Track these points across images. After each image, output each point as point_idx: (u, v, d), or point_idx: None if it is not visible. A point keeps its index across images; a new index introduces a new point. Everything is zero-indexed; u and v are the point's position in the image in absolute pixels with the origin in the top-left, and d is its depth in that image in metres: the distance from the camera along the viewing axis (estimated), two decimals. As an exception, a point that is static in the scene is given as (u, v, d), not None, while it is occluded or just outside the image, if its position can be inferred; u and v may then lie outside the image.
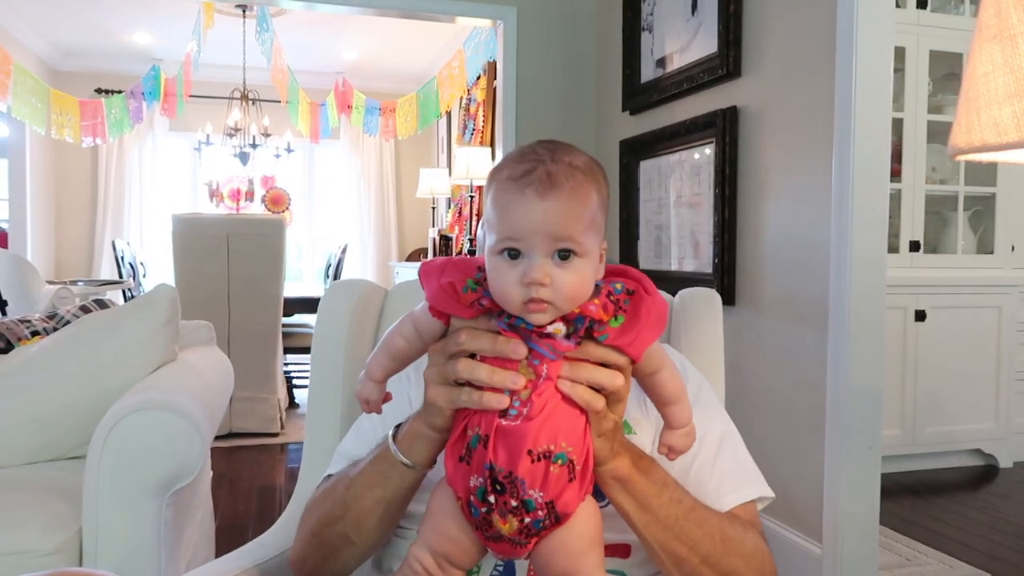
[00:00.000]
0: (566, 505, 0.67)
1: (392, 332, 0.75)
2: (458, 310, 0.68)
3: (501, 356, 0.66)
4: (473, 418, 0.68)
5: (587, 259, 0.66)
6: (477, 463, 0.67)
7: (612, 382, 0.67)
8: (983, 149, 0.50)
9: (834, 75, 2.05)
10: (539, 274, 0.63)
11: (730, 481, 0.88)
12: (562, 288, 0.64)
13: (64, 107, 5.56)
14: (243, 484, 3.22)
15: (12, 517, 1.39)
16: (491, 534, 0.69)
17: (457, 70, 5.33)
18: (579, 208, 0.66)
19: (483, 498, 0.67)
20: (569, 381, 0.66)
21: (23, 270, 4.13)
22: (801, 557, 2.16)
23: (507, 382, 0.65)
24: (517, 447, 0.65)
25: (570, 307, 0.65)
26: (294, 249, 7.46)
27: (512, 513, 0.66)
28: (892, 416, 3.20)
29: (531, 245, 0.65)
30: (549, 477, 0.65)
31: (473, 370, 0.67)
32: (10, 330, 1.90)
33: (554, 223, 0.64)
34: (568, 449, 0.66)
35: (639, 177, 3.09)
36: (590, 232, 0.66)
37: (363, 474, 0.81)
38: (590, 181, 0.68)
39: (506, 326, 0.66)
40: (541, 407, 0.65)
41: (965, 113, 0.54)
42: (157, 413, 1.40)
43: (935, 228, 3.62)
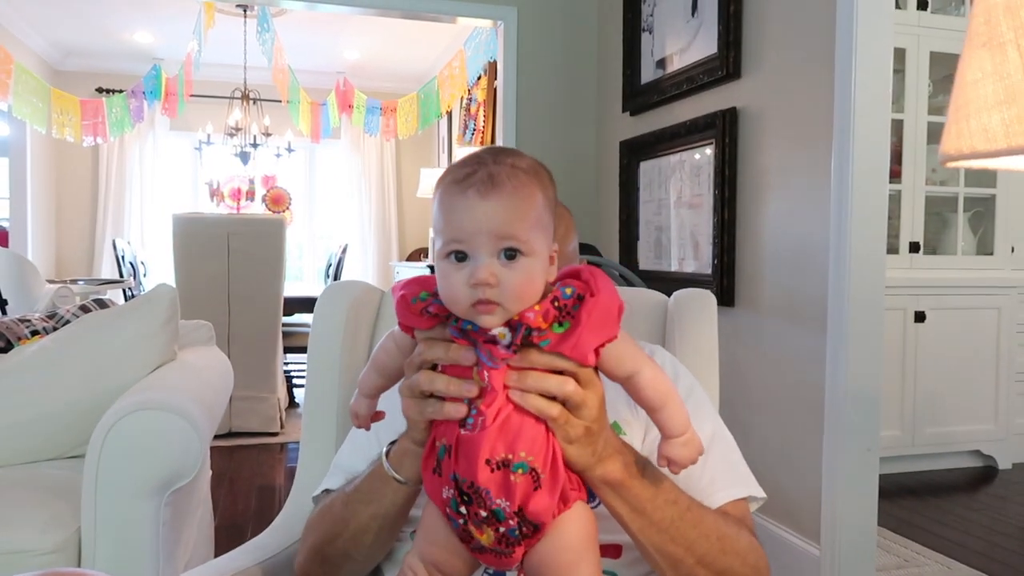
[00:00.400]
0: (537, 514, 0.66)
1: (378, 348, 0.75)
2: (412, 320, 0.68)
3: (455, 364, 0.66)
4: (439, 429, 0.68)
5: (534, 258, 0.65)
6: (445, 474, 0.67)
7: (561, 389, 0.65)
8: (973, 156, 0.50)
9: (834, 76, 2.05)
10: (484, 274, 0.63)
11: (721, 479, 0.88)
12: (509, 288, 0.63)
13: (65, 106, 5.56)
14: (243, 483, 3.23)
15: (11, 516, 1.39)
16: (474, 545, 0.69)
17: (458, 70, 5.33)
18: (522, 206, 0.65)
19: (456, 509, 0.67)
20: (519, 391, 0.65)
21: (23, 269, 4.13)
22: (799, 558, 2.16)
23: (462, 391, 0.66)
24: (473, 456, 0.65)
25: (519, 307, 0.64)
26: (295, 249, 7.46)
27: (485, 523, 0.66)
28: (892, 417, 3.21)
29: (476, 246, 0.64)
30: (512, 486, 0.65)
31: (432, 381, 0.67)
32: (10, 329, 1.90)
33: (497, 221, 0.64)
34: (528, 458, 0.65)
35: (639, 178, 3.09)
36: (536, 231, 0.66)
37: (358, 491, 0.82)
38: (533, 181, 0.68)
39: (456, 332, 0.66)
40: (494, 415, 0.65)
41: (955, 120, 0.54)
42: (156, 413, 1.40)
43: (935, 229, 3.62)
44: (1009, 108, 0.47)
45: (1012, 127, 0.47)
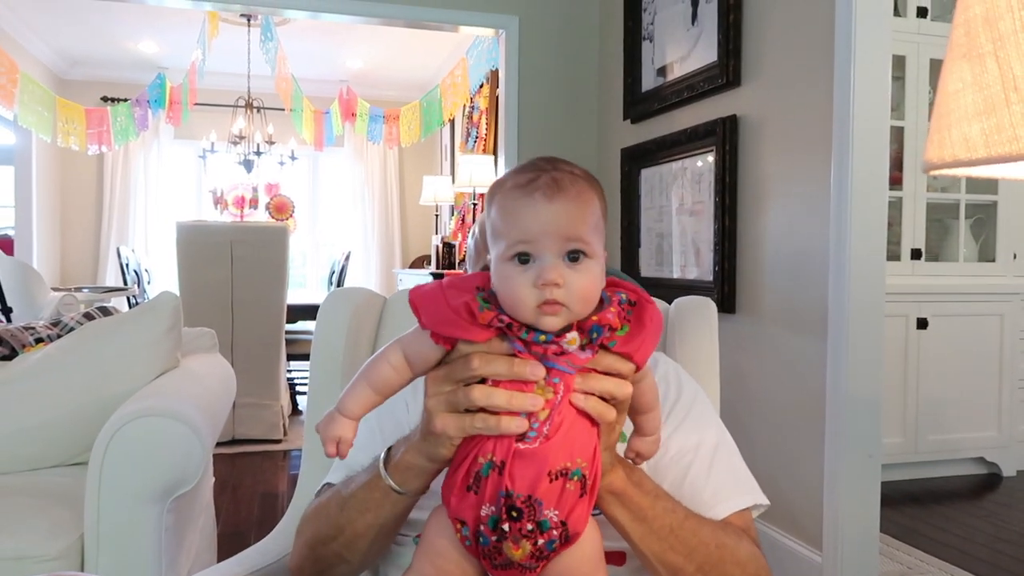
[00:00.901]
0: (577, 522, 0.66)
1: (376, 362, 0.71)
2: (472, 333, 0.65)
3: (519, 379, 0.64)
4: (484, 445, 0.65)
5: (596, 261, 0.66)
6: (491, 491, 0.64)
7: (622, 391, 0.66)
8: (954, 164, 0.51)
9: (833, 84, 2.06)
10: (553, 274, 0.63)
11: (725, 489, 0.88)
12: (575, 289, 0.63)
13: (70, 115, 5.59)
14: (246, 491, 3.23)
15: (15, 523, 1.40)
16: (500, 562, 0.66)
17: (460, 78, 5.36)
18: (585, 210, 0.66)
19: (495, 527, 0.64)
20: (582, 394, 0.65)
21: (28, 277, 4.15)
22: (801, 565, 2.16)
23: (527, 405, 0.63)
24: (538, 469, 0.63)
25: (582, 310, 0.64)
26: (298, 256, 7.48)
27: (526, 537, 0.64)
28: (894, 424, 3.20)
29: (543, 247, 0.64)
30: (564, 494, 0.64)
31: (490, 396, 0.64)
32: (14, 337, 1.92)
33: (564, 223, 0.64)
34: (583, 464, 0.65)
35: (640, 185, 3.10)
36: (595, 235, 0.67)
37: (354, 498, 0.80)
38: (592, 187, 0.69)
39: (521, 347, 0.64)
40: (557, 427, 0.64)
41: (937, 129, 0.55)
42: (158, 420, 1.41)
43: (937, 236, 3.62)
44: (988, 118, 0.48)
45: (991, 137, 0.47)
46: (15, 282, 3.88)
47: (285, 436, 4.04)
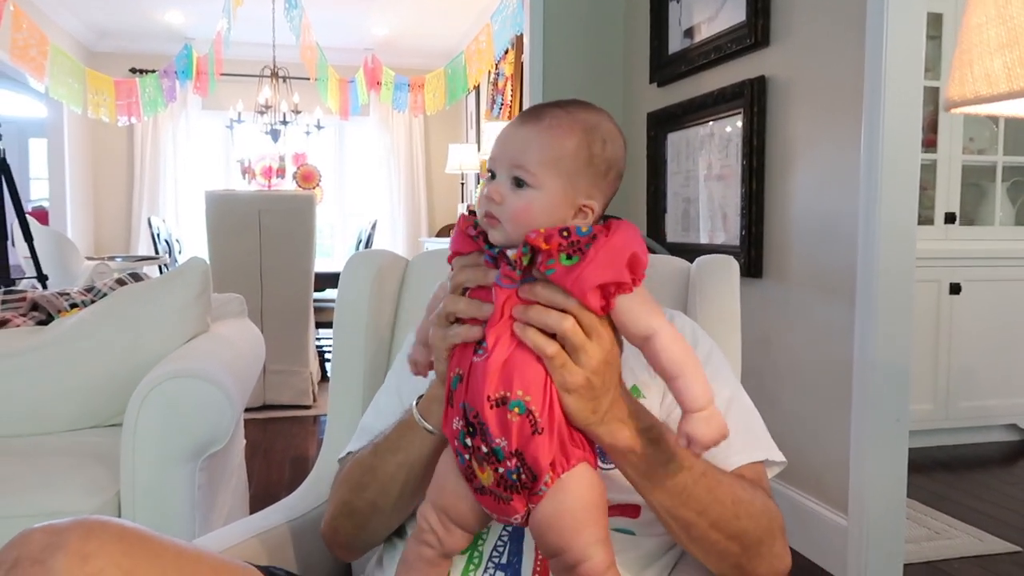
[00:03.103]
0: (535, 459, 0.66)
1: (432, 296, 0.78)
2: (461, 244, 0.72)
3: (480, 285, 0.69)
4: (456, 358, 0.70)
5: (540, 192, 0.68)
6: (457, 403, 0.69)
7: (559, 324, 0.65)
8: (975, 101, 0.50)
9: (864, 43, 2.01)
10: (492, 190, 0.69)
11: (737, 442, 0.86)
12: (508, 209, 0.68)
13: (100, 87, 5.65)
14: (276, 454, 3.30)
15: (55, 480, 1.45)
16: (476, 485, 0.70)
17: (484, 44, 5.31)
18: (544, 142, 0.69)
19: (463, 441, 0.68)
20: (520, 324, 0.67)
21: (63, 247, 4.24)
22: (826, 528, 2.16)
23: (480, 311, 0.68)
24: (479, 386, 0.66)
25: (513, 231, 0.67)
26: (326, 227, 7.53)
27: (486, 461, 0.67)
28: (925, 390, 3.17)
29: (498, 167, 0.70)
30: (508, 425, 0.66)
31: (455, 303, 0.70)
32: (50, 303, 1.96)
33: (513, 149, 0.70)
34: (525, 398, 0.65)
35: (667, 150, 3.07)
36: (551, 172, 0.69)
37: (387, 439, 0.84)
38: (576, 128, 0.70)
39: (489, 258, 0.69)
40: (492, 343, 0.66)
41: (959, 66, 0.54)
42: (189, 381, 1.44)
43: (972, 199, 3.54)
44: (1011, 51, 0.46)
45: (1014, 70, 0.46)
46: (50, 251, 3.96)
47: (314, 402, 4.11)
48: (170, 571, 0.68)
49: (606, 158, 0.71)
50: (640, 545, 0.88)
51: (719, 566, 0.83)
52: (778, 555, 0.84)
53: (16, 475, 1.45)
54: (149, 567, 0.66)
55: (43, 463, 1.50)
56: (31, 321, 1.93)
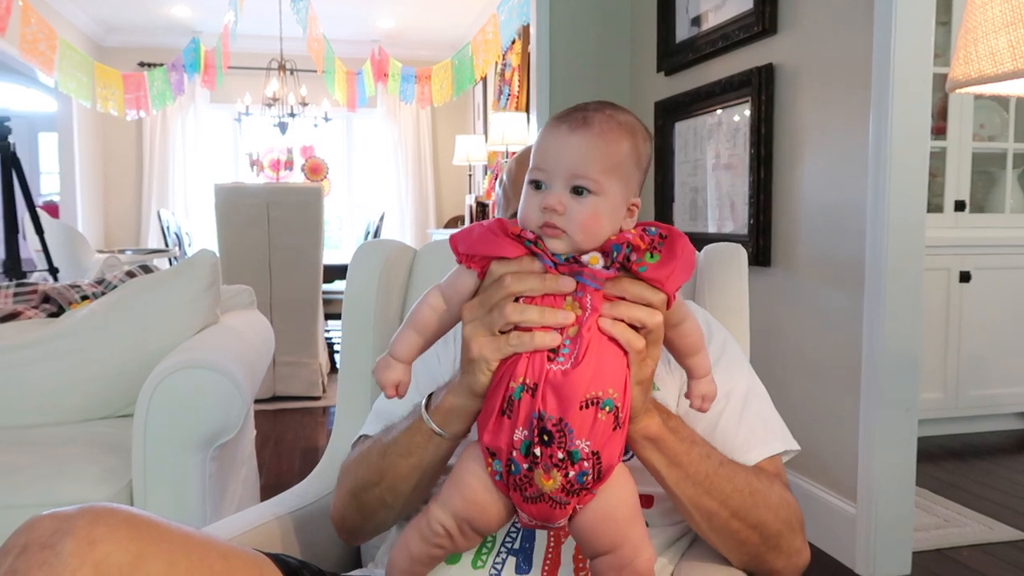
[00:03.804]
0: (610, 456, 0.67)
1: (417, 307, 0.74)
2: (504, 248, 0.68)
3: (550, 292, 0.67)
4: (517, 368, 0.66)
5: (604, 198, 0.68)
6: (524, 414, 0.66)
7: (652, 319, 0.67)
8: (980, 81, 0.49)
9: (873, 29, 2.00)
10: (553, 201, 0.67)
11: (757, 435, 0.89)
12: (574, 218, 0.67)
13: (108, 81, 5.67)
14: (287, 445, 3.32)
15: (68, 470, 1.46)
16: (531, 494, 0.67)
17: (491, 35, 5.29)
18: (603, 148, 0.69)
19: (527, 452, 0.66)
20: (609, 320, 0.66)
21: (74, 240, 4.26)
22: (835, 516, 2.16)
23: (559, 319, 0.66)
24: (570, 393, 0.64)
25: (583, 239, 0.67)
26: (334, 219, 7.55)
27: (557, 467, 0.65)
28: (934, 379, 3.16)
29: (552, 177, 0.68)
30: (596, 425, 0.65)
31: (524, 311, 0.66)
32: (61, 295, 1.98)
33: (574, 158, 0.68)
34: (614, 395, 0.66)
35: (674, 139, 3.06)
36: (612, 177, 0.68)
37: (396, 444, 0.82)
38: (624, 131, 0.71)
39: (551, 264, 0.67)
40: (586, 347, 0.65)
41: (963, 45, 0.53)
42: (199, 372, 1.45)
43: (982, 187, 3.52)
44: (1016, 29, 0.45)
45: (1019, 48, 0.45)
46: (61, 245, 3.98)
47: (324, 393, 4.13)
48: (178, 555, 0.68)
49: (647, 155, 0.74)
50: (654, 535, 0.89)
51: (739, 557, 0.84)
52: (796, 550, 0.85)
53: (29, 465, 1.47)
54: (157, 551, 0.67)
55: (56, 453, 1.52)
56: (43, 313, 1.95)
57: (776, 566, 0.85)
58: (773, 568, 0.85)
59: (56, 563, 0.61)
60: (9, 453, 1.52)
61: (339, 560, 1.06)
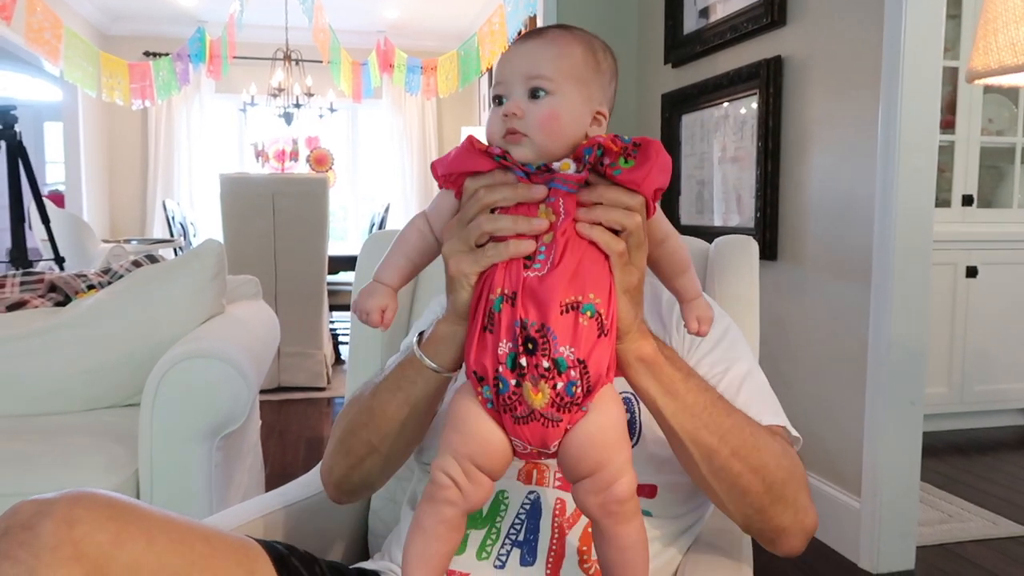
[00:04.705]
0: (598, 365, 0.65)
1: (404, 230, 0.75)
2: (476, 163, 0.69)
3: (522, 200, 0.67)
4: (494, 279, 0.67)
5: (561, 98, 0.68)
6: (505, 324, 0.65)
7: (630, 220, 0.67)
8: (1000, 71, 0.49)
9: (883, 21, 1.99)
10: (511, 106, 0.68)
11: (755, 406, 0.86)
12: (533, 119, 0.67)
13: (114, 70, 5.65)
14: (291, 436, 3.33)
15: (74, 459, 1.47)
16: (521, 413, 0.66)
17: (498, 26, 5.27)
18: (554, 50, 0.70)
19: (514, 365, 0.65)
20: (587, 223, 0.66)
21: (79, 229, 4.27)
22: (839, 510, 2.16)
23: (532, 226, 0.66)
24: (548, 296, 0.64)
25: (545, 141, 0.67)
26: (339, 210, 7.54)
27: (544, 378, 0.64)
28: (939, 374, 3.15)
29: (510, 88, 0.70)
30: (579, 330, 0.64)
31: (496, 220, 0.67)
32: (68, 284, 1.98)
33: (526, 63, 0.70)
34: (596, 300, 0.65)
35: (681, 131, 3.05)
36: (568, 79, 0.69)
37: (387, 380, 0.82)
38: (577, 39, 0.72)
39: (523, 174, 0.68)
40: (563, 249, 0.65)
41: (983, 36, 0.53)
42: (206, 361, 1.45)
43: (990, 181, 3.50)
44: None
45: None
46: (67, 234, 3.99)
47: (329, 384, 4.14)
48: (157, 535, 0.69)
49: (609, 67, 0.74)
50: (657, 527, 0.88)
51: (742, 508, 0.80)
52: (803, 507, 0.82)
53: (36, 453, 1.47)
54: (137, 531, 0.68)
55: (62, 442, 1.52)
56: (49, 302, 1.95)
57: (782, 522, 0.81)
58: (779, 525, 0.81)
59: (35, 543, 0.64)
60: (16, 441, 1.52)
61: (345, 551, 1.06)
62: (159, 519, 0.72)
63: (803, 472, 0.83)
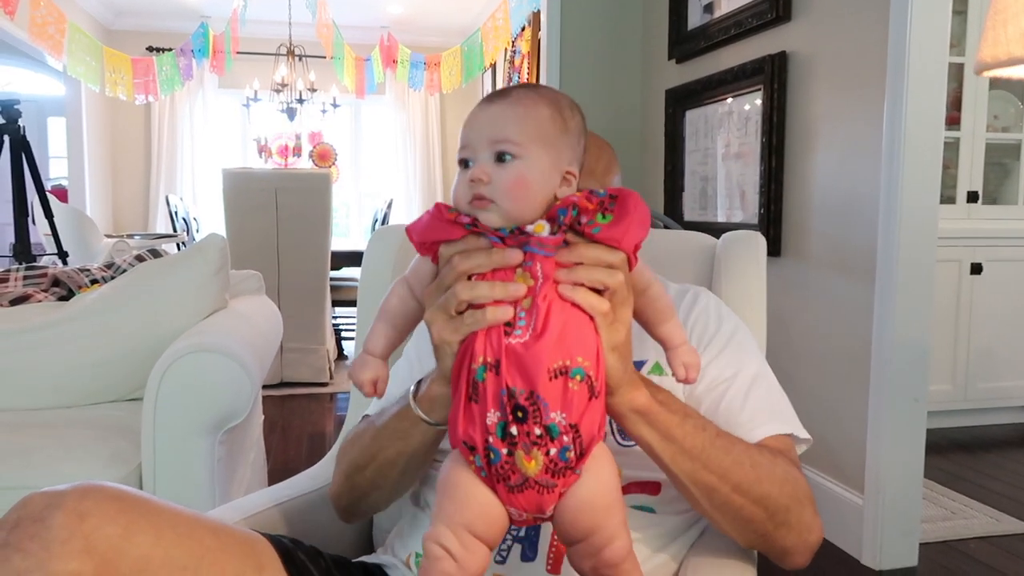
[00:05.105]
0: (590, 428, 0.65)
1: (386, 300, 0.74)
2: (447, 231, 0.68)
3: (498, 267, 0.66)
4: (475, 348, 0.65)
5: (527, 161, 0.67)
6: (491, 394, 0.64)
7: (612, 279, 0.66)
8: (1009, 63, 0.48)
9: (889, 17, 1.98)
10: (477, 171, 0.66)
11: (762, 415, 0.86)
12: (500, 185, 0.66)
13: (117, 65, 5.66)
14: (294, 431, 3.33)
15: (78, 452, 1.47)
16: (515, 482, 0.65)
17: (501, 22, 5.26)
18: (520, 112, 0.69)
19: (504, 434, 0.64)
20: (570, 285, 0.65)
21: (82, 224, 4.27)
22: (841, 507, 2.15)
23: (509, 292, 0.65)
24: (533, 364, 0.63)
25: (512, 207, 0.65)
26: (341, 206, 7.54)
27: (536, 445, 0.63)
28: (943, 371, 3.14)
29: (476, 151, 0.68)
30: (569, 395, 0.63)
31: (473, 288, 0.66)
32: (71, 278, 1.98)
33: (491, 126, 0.69)
34: (584, 363, 0.64)
35: (685, 127, 3.04)
36: (534, 142, 0.68)
37: (386, 428, 0.82)
38: (543, 99, 0.71)
39: (498, 239, 0.66)
40: (544, 316, 0.64)
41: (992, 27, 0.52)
42: (209, 356, 1.45)
43: (996, 178, 3.49)
44: None
45: None
46: (70, 229, 3.99)
47: (331, 379, 4.14)
48: (166, 529, 0.70)
49: (577, 125, 0.73)
50: (660, 523, 0.88)
51: (746, 535, 0.81)
52: (807, 525, 0.82)
53: (40, 447, 1.48)
54: (146, 524, 0.69)
55: (65, 435, 1.53)
56: (52, 297, 1.95)
57: (786, 544, 0.81)
58: (783, 546, 0.82)
59: (46, 535, 0.64)
60: (19, 435, 1.52)
61: (351, 544, 1.06)
62: (168, 512, 0.72)
63: (807, 491, 0.83)
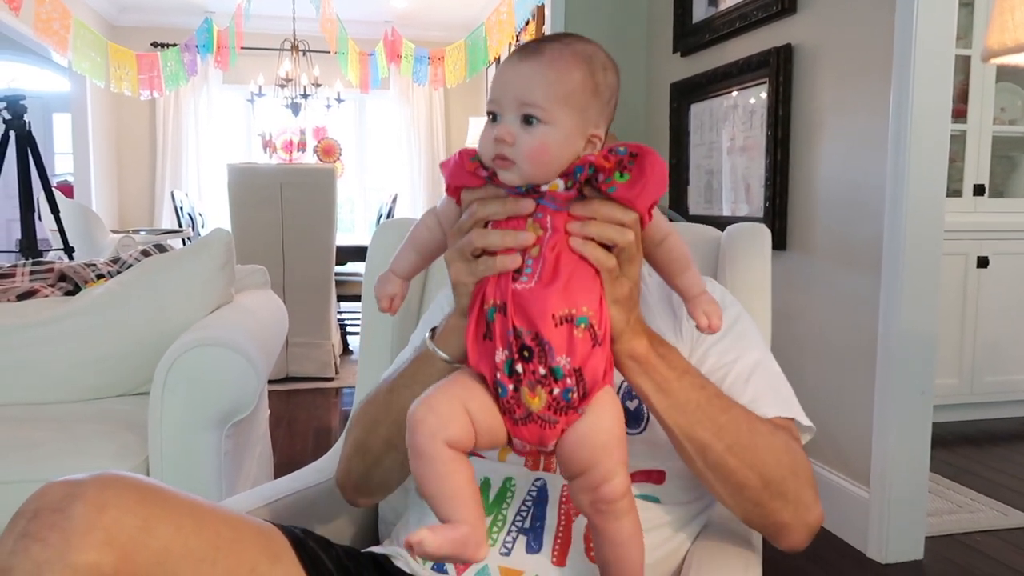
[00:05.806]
0: (593, 373, 0.67)
1: (416, 227, 0.78)
2: (465, 178, 0.71)
3: (511, 215, 0.69)
4: (488, 289, 0.69)
5: (554, 128, 0.68)
6: (500, 332, 0.68)
7: (622, 237, 0.68)
8: (1016, 49, 0.48)
9: (895, 9, 1.97)
10: (502, 132, 0.67)
11: (765, 398, 0.85)
12: (523, 149, 0.67)
13: (122, 60, 5.66)
14: (300, 425, 3.34)
15: (86, 446, 1.47)
16: (520, 415, 0.68)
17: (505, 16, 5.25)
18: (551, 76, 0.69)
19: (511, 371, 0.67)
20: (580, 239, 0.67)
21: (88, 219, 4.28)
22: (847, 500, 2.15)
23: (518, 240, 0.68)
24: (535, 309, 0.66)
25: (532, 170, 0.67)
26: (346, 201, 7.54)
27: (540, 384, 0.67)
28: (950, 365, 3.13)
29: (503, 108, 0.69)
30: (574, 342, 0.66)
31: (485, 236, 0.69)
32: (77, 273, 1.99)
33: (522, 86, 0.68)
34: (588, 313, 0.67)
35: (690, 121, 3.03)
36: (563, 107, 0.68)
37: (402, 375, 0.84)
38: (577, 60, 0.71)
39: (512, 191, 0.69)
40: (551, 265, 0.67)
41: (999, 13, 0.52)
42: (215, 350, 1.46)
43: (1002, 171, 3.48)
44: None
45: None
46: (76, 224, 4.00)
47: (337, 374, 4.15)
48: (185, 521, 0.70)
49: (608, 85, 0.73)
50: (666, 513, 0.88)
51: (741, 504, 0.80)
52: (805, 504, 0.81)
53: (48, 441, 1.48)
54: (165, 515, 0.68)
55: (73, 429, 1.53)
56: (59, 291, 1.96)
57: (782, 518, 0.80)
58: (779, 520, 0.80)
59: (67, 526, 0.63)
60: (27, 429, 1.53)
61: (356, 536, 1.07)
62: (185, 503, 0.72)
63: (807, 469, 0.82)
